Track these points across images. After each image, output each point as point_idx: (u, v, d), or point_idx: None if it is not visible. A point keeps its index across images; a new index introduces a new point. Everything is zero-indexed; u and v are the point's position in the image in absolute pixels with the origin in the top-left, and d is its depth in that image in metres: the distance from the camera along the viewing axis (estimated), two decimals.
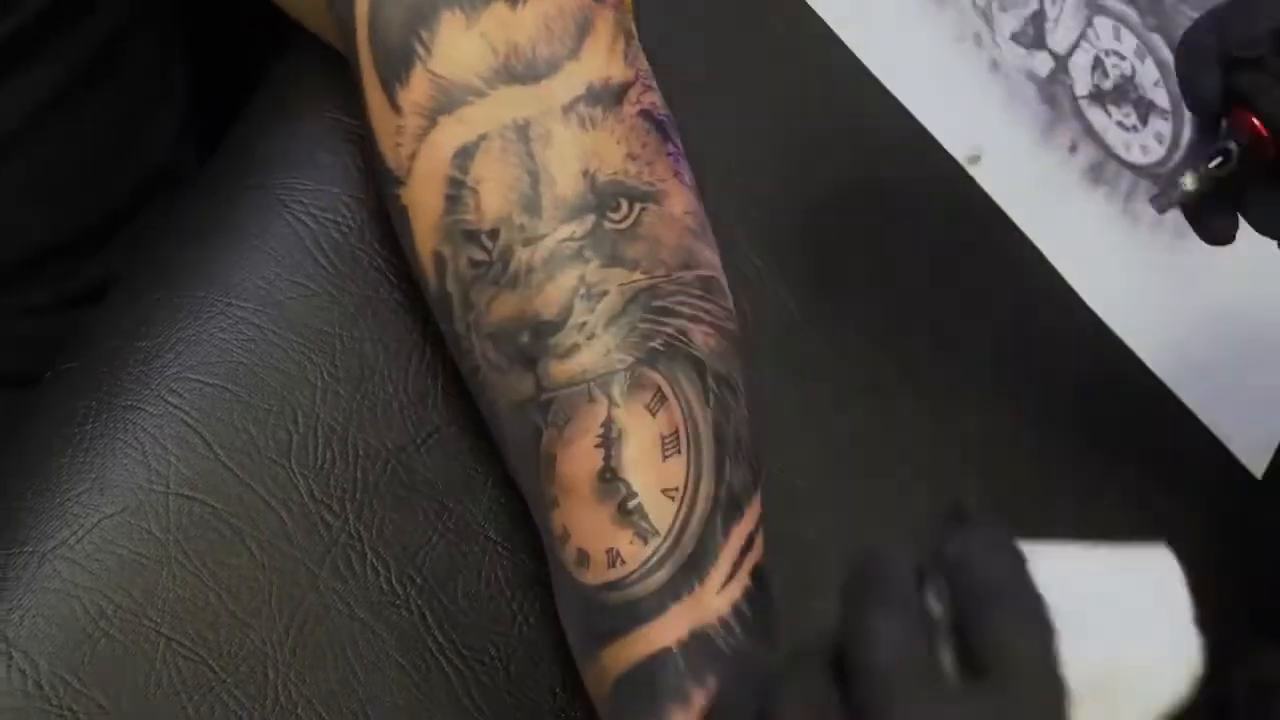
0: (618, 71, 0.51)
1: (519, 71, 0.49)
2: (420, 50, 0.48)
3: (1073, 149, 0.71)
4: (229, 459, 0.51)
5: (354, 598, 0.52)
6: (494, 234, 0.48)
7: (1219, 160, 0.50)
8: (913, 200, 0.64)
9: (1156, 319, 0.70)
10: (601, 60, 0.50)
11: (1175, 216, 0.57)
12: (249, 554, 0.51)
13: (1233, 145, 0.50)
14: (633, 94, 0.51)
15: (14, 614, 0.49)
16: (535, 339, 0.48)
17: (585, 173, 0.49)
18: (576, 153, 0.49)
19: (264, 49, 0.60)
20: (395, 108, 0.49)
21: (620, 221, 0.49)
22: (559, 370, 0.48)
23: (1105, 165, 0.71)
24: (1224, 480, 0.69)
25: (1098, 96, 0.71)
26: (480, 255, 0.48)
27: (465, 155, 0.48)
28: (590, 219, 0.49)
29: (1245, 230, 0.53)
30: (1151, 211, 0.53)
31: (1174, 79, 0.63)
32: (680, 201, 0.51)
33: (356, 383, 0.53)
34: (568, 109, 0.49)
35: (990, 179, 0.68)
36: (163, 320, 0.53)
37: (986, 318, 0.64)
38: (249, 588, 0.51)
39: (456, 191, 0.48)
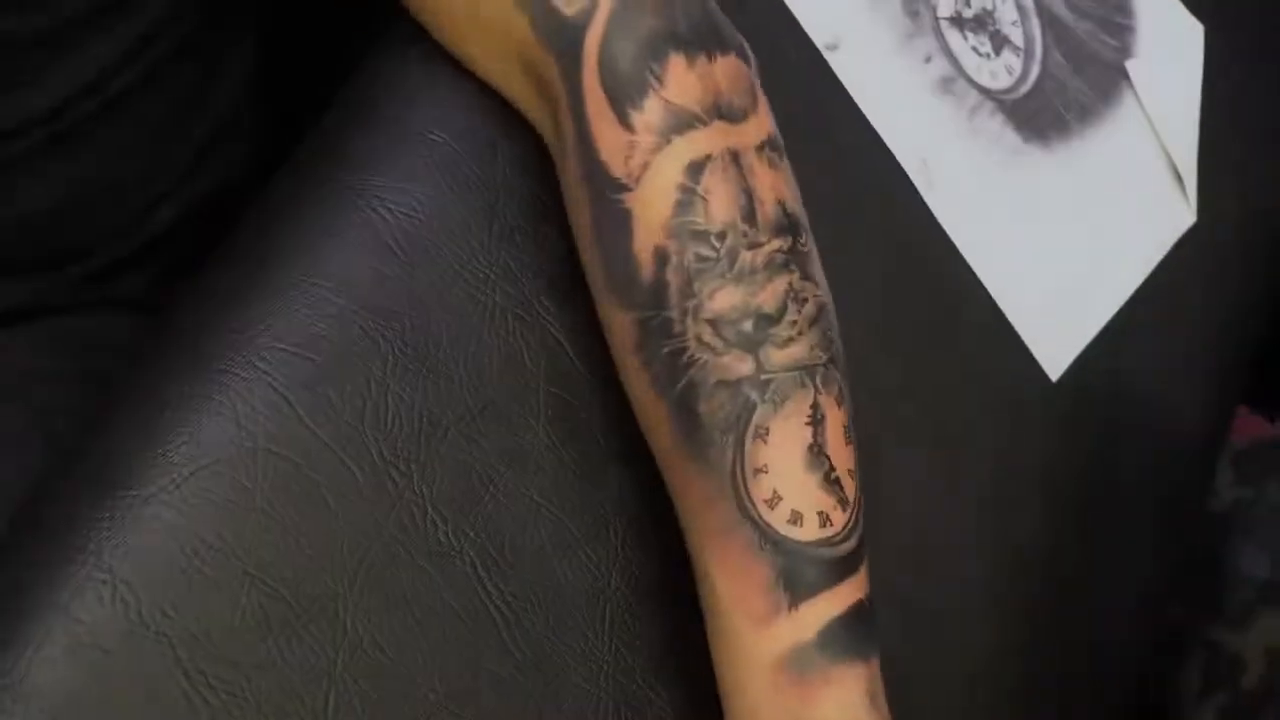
0: (775, 130, 0.57)
1: (725, 111, 0.55)
2: (653, 80, 0.54)
3: (927, 59, 0.74)
4: (310, 421, 0.54)
5: (415, 548, 0.55)
6: (722, 236, 0.54)
7: None
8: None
9: (984, 224, 0.74)
10: (769, 117, 0.57)
11: (1017, 142, 0.58)
12: (325, 505, 0.54)
13: None
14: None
15: (118, 550, 0.51)
16: (757, 327, 0.53)
17: (778, 201, 0.55)
18: (770, 184, 0.55)
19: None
20: (627, 126, 0.54)
21: (804, 246, 0.56)
22: (779, 356, 0.54)
23: (955, 81, 0.74)
24: (1023, 381, 0.74)
25: (957, 21, 0.75)
26: (708, 252, 0.54)
27: (696, 169, 0.54)
28: (789, 239, 0.55)
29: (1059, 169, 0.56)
30: (991, 126, 0.56)
31: (1031, 21, 0.66)
32: None
33: (422, 359, 0.57)
34: (760, 149, 0.55)
35: (845, 67, 0.72)
36: (254, 296, 0.55)
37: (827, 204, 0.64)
38: (324, 535, 0.53)
39: (688, 198, 0.54)
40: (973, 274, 0.73)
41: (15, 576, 0.51)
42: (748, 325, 0.54)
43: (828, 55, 0.71)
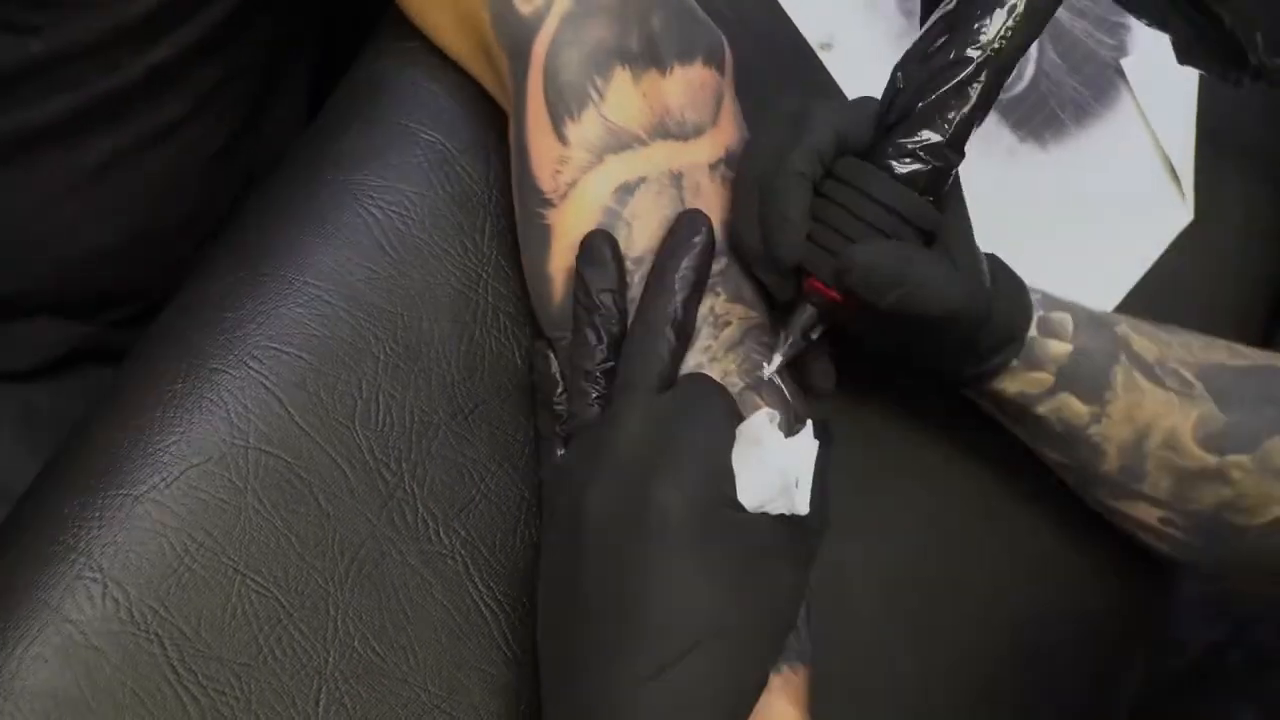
0: (741, 140, 0.55)
1: (673, 129, 0.53)
2: (594, 95, 0.52)
3: None
4: (301, 419, 0.54)
5: (406, 546, 0.55)
6: (639, 262, 0.53)
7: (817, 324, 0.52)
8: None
9: (979, 221, 0.67)
10: (733, 129, 0.55)
11: (1013, 141, 0.59)
12: (316, 504, 0.54)
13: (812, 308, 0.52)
14: None
15: (109, 549, 0.51)
16: None
17: (725, 222, 0.53)
18: (719, 204, 0.53)
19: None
20: (561, 139, 0.53)
21: (742, 268, 0.54)
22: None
23: None
24: None
25: None
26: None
27: (626, 191, 0.53)
28: (724, 260, 0.53)
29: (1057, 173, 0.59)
30: (986, 124, 0.54)
31: None
32: None
33: (414, 357, 0.57)
34: (713, 167, 0.54)
35: (839, 66, 0.71)
36: (247, 294, 0.56)
37: None
38: (315, 533, 0.54)
39: (611, 221, 0.52)
40: None
41: (6, 575, 0.52)
42: None
43: (821, 54, 0.71)
